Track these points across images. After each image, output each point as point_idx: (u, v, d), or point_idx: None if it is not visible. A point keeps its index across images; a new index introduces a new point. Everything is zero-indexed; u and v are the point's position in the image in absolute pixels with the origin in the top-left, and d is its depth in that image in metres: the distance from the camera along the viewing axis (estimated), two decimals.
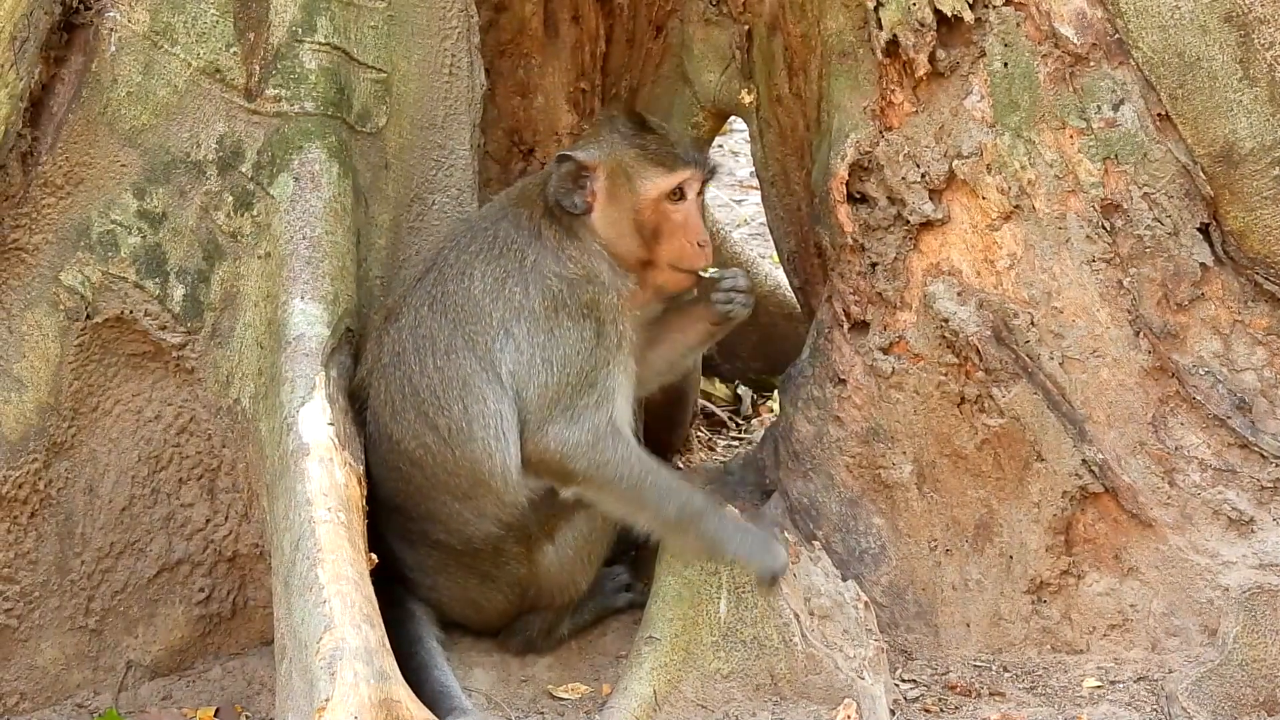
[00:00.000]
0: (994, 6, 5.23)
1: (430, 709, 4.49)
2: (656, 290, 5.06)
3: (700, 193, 5.06)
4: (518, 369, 4.86)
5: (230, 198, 5.08)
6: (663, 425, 6.09)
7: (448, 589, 5.09)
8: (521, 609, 5.13)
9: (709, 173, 5.08)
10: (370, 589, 4.58)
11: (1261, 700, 4.96)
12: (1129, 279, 5.20)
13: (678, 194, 4.99)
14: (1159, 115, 5.17)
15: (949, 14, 5.23)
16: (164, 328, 5.05)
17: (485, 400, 4.85)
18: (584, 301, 4.90)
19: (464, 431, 4.86)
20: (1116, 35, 5.17)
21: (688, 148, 5.06)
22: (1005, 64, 5.24)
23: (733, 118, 6.27)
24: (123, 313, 5.04)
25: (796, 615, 5.00)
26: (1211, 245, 5.21)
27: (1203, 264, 5.19)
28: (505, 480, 4.87)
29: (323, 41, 5.14)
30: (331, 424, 4.78)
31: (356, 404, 5.04)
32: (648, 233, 4.97)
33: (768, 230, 6.20)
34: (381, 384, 5.00)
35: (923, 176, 5.30)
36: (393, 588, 4.94)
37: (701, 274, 5.10)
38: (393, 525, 5.03)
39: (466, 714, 4.79)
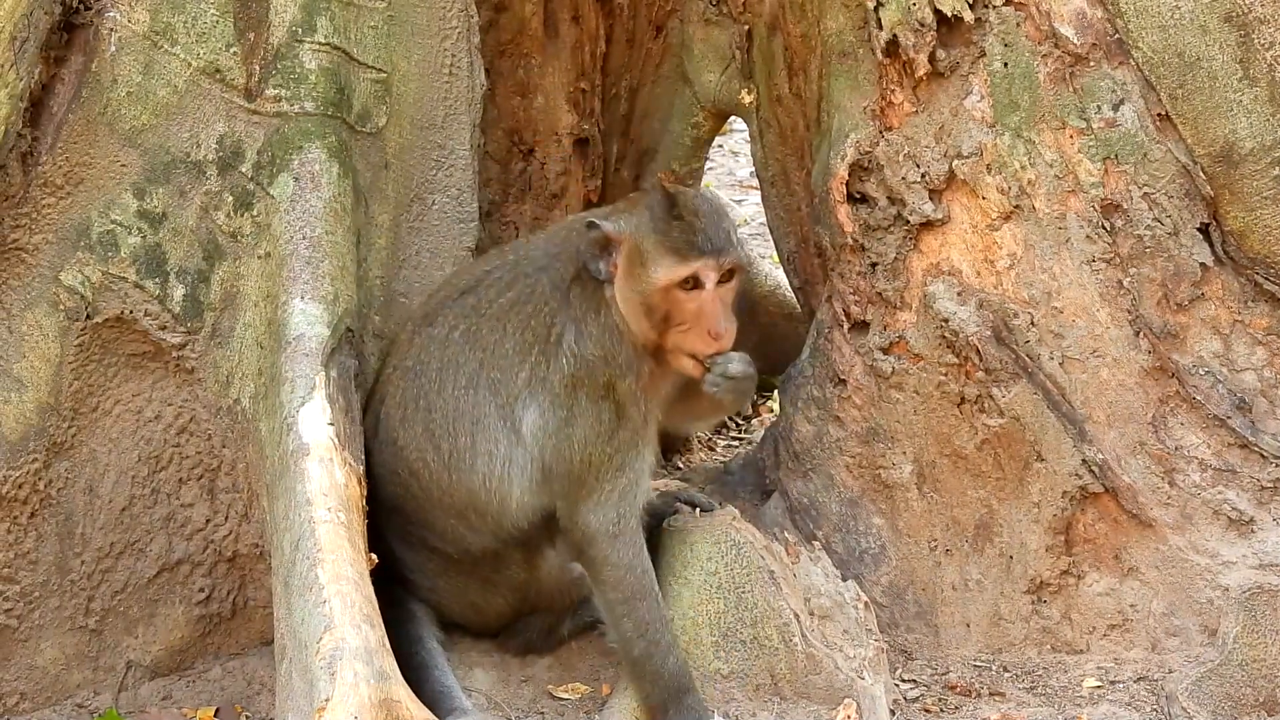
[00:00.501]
0: (994, 6, 5.23)
1: (431, 709, 4.49)
2: (675, 373, 4.91)
3: (724, 281, 4.80)
4: (542, 438, 4.85)
5: (230, 198, 5.08)
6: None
7: (447, 591, 5.10)
8: (522, 611, 5.13)
9: (732, 264, 4.80)
10: (370, 589, 4.58)
11: (1261, 700, 4.96)
12: (1129, 279, 5.20)
13: (691, 282, 4.77)
14: (1159, 115, 5.17)
15: (949, 14, 5.23)
16: (164, 328, 5.05)
17: (496, 442, 4.87)
18: (601, 384, 4.83)
19: (465, 462, 4.90)
20: (1116, 35, 5.17)
21: (712, 236, 4.78)
22: (1005, 64, 5.24)
23: (733, 118, 6.28)
24: (123, 313, 5.03)
25: (796, 615, 5.00)
26: (1211, 245, 5.21)
27: (1203, 264, 5.19)
28: (502, 511, 4.91)
29: (323, 41, 5.14)
30: (331, 424, 4.78)
31: (375, 395, 5.07)
32: (658, 317, 4.80)
33: (768, 230, 6.20)
34: (399, 387, 5.01)
35: (923, 176, 5.30)
36: (393, 588, 4.94)
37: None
38: (393, 526, 5.04)
39: (467, 714, 4.79)
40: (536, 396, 4.86)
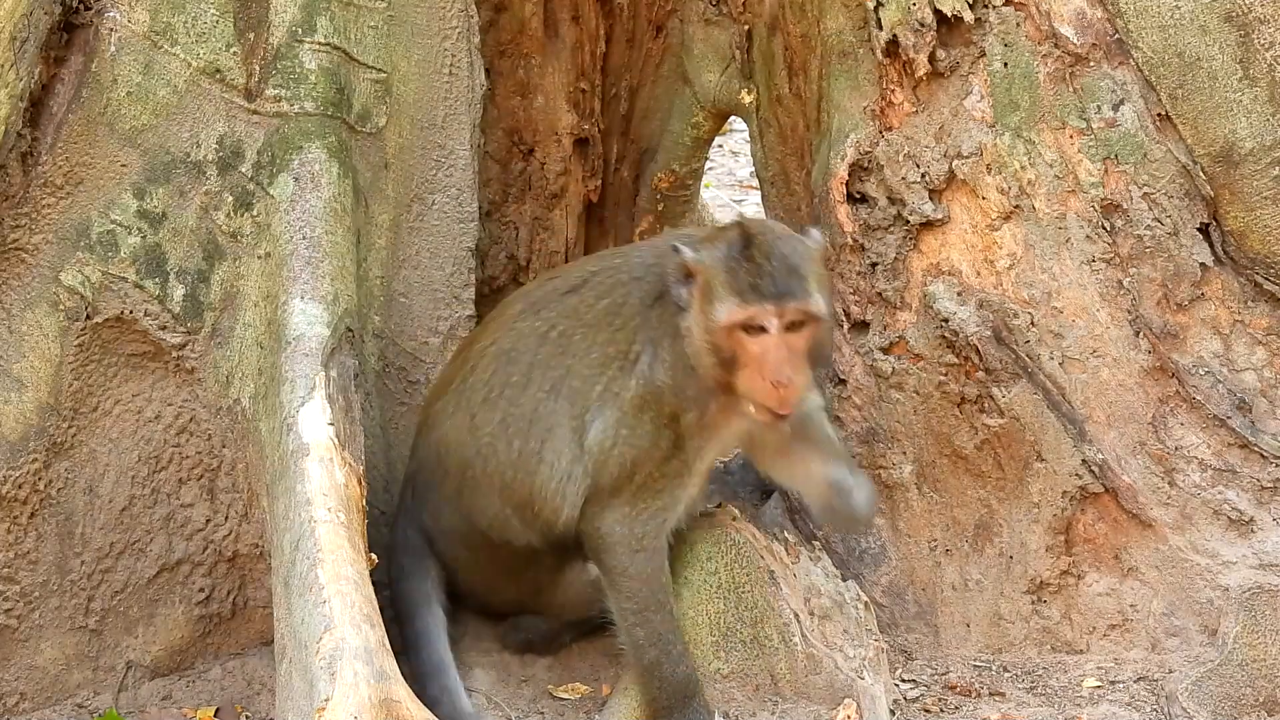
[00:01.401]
0: (994, 6, 5.23)
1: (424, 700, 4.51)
2: (740, 417, 4.76)
3: (792, 329, 4.61)
4: (600, 449, 4.83)
5: (230, 198, 5.08)
6: None
7: (467, 562, 5.08)
8: (529, 609, 5.14)
9: (800, 312, 4.60)
10: (370, 589, 4.58)
11: (1261, 700, 4.96)
12: (1129, 279, 5.20)
13: (755, 326, 4.60)
14: (1159, 115, 5.17)
15: (949, 14, 5.23)
16: (164, 328, 5.05)
17: (560, 455, 4.87)
18: (667, 413, 4.78)
19: (530, 465, 4.91)
20: (1116, 35, 5.17)
21: (778, 280, 4.60)
22: (1005, 64, 5.24)
23: (733, 118, 6.28)
24: (123, 313, 5.03)
25: (796, 615, 5.00)
26: (1211, 245, 5.21)
27: (1203, 264, 5.19)
28: (553, 520, 4.91)
29: (323, 41, 5.14)
30: (331, 424, 4.78)
31: (464, 359, 5.07)
32: (724, 357, 4.65)
33: None
34: (490, 368, 4.99)
35: (923, 176, 5.30)
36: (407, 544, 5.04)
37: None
38: (441, 483, 5.06)
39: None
40: (605, 410, 4.84)
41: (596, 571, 4.93)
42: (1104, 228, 5.20)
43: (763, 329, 4.60)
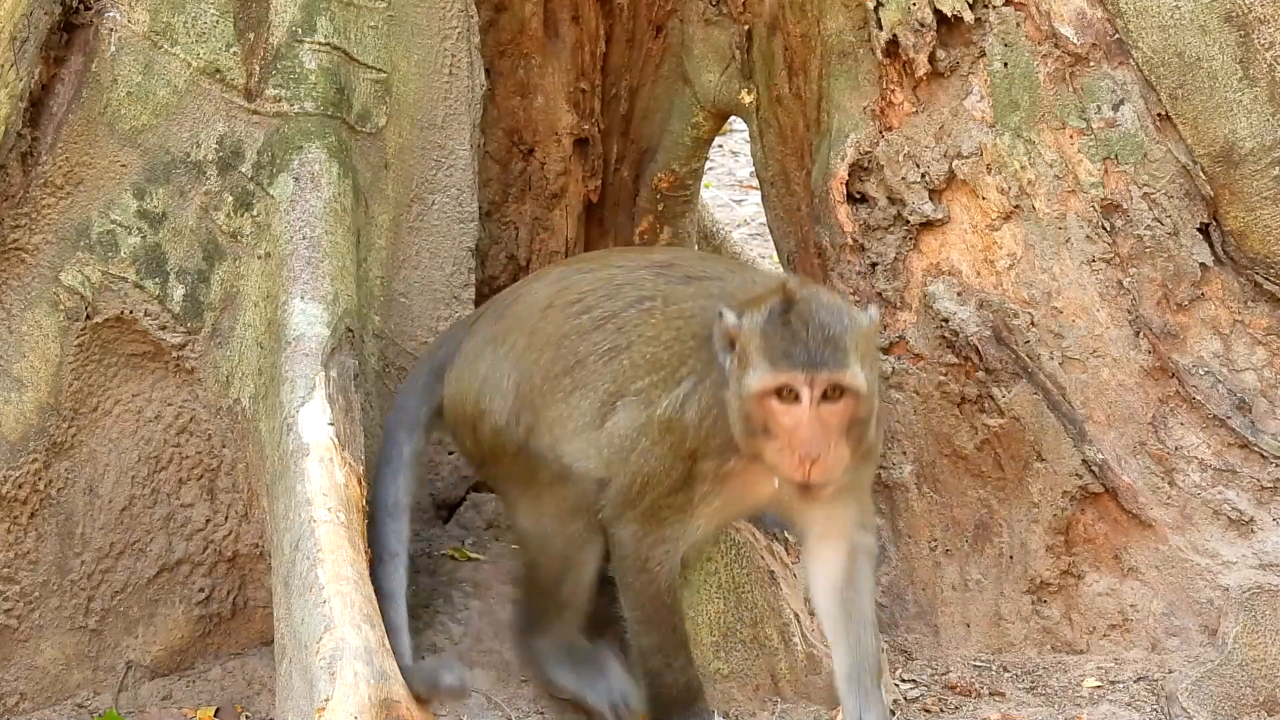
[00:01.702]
0: (994, 6, 5.23)
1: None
2: (764, 483, 4.60)
3: (828, 400, 4.40)
4: (618, 446, 4.71)
5: (230, 198, 5.08)
6: None
7: (525, 507, 4.94)
8: (545, 570, 4.96)
9: (836, 381, 4.39)
10: (370, 589, 4.58)
11: (1261, 700, 4.96)
12: (1129, 279, 5.20)
13: (789, 395, 4.40)
14: (1159, 115, 5.17)
15: (949, 14, 5.23)
16: (164, 328, 5.04)
17: (580, 410, 4.77)
18: (687, 449, 4.64)
19: (554, 393, 4.81)
20: (1116, 35, 5.17)
21: (813, 347, 4.40)
22: (1005, 64, 5.24)
23: (733, 118, 6.27)
24: (123, 313, 5.03)
25: (796, 615, 5.00)
26: (1211, 245, 5.21)
27: (1203, 264, 5.19)
28: (538, 441, 4.81)
29: (323, 41, 5.14)
30: (331, 424, 4.78)
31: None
32: (755, 426, 4.45)
33: (768, 230, 6.19)
34: (552, 314, 4.85)
35: (923, 176, 5.30)
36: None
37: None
38: (515, 428, 4.93)
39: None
40: (634, 408, 4.71)
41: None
42: (1104, 228, 5.20)
43: (795, 398, 4.40)
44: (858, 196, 5.40)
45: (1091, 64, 5.19)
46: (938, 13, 5.23)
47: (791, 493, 4.49)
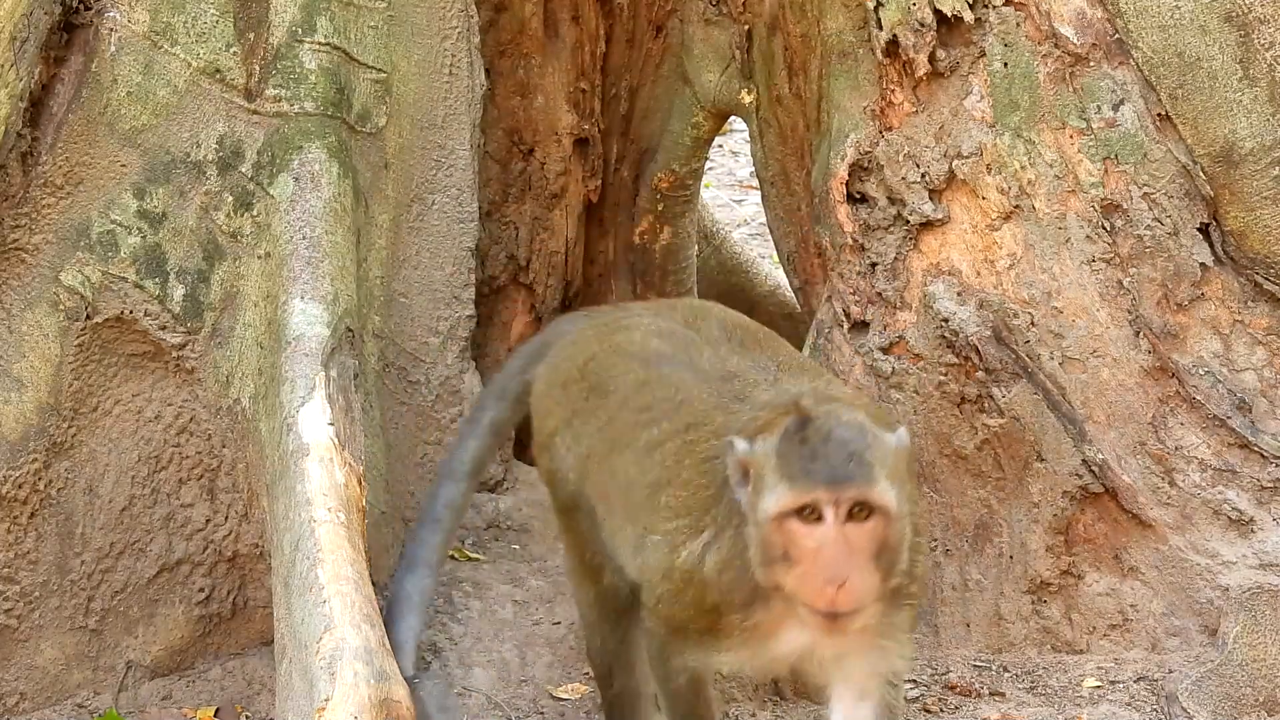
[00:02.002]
0: (994, 6, 5.23)
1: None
2: (794, 626, 4.15)
3: (855, 519, 3.97)
4: (647, 579, 4.37)
5: (230, 198, 5.08)
6: None
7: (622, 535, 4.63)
8: (603, 616, 4.81)
9: (862, 498, 3.96)
10: (370, 589, 4.58)
11: (1261, 700, 4.96)
12: (1129, 279, 5.20)
13: (811, 514, 3.97)
14: (1159, 115, 5.17)
15: (949, 14, 5.23)
16: (164, 328, 5.05)
17: (623, 511, 4.53)
18: (709, 603, 4.22)
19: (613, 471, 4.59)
20: (1116, 35, 5.17)
21: (836, 462, 3.97)
22: (1005, 64, 5.24)
23: (733, 118, 6.28)
24: (123, 313, 5.04)
25: None
26: (1211, 245, 5.21)
27: (1203, 264, 5.19)
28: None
29: (323, 41, 5.14)
30: (331, 424, 4.78)
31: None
32: (775, 555, 4.02)
33: (768, 230, 6.20)
34: (625, 414, 4.55)
35: (923, 176, 5.30)
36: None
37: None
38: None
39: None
40: (660, 551, 4.32)
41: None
42: (1104, 228, 5.20)
43: (818, 518, 3.96)
44: (858, 196, 5.40)
45: (1091, 64, 5.19)
46: (938, 13, 5.23)
47: (817, 628, 4.05)
